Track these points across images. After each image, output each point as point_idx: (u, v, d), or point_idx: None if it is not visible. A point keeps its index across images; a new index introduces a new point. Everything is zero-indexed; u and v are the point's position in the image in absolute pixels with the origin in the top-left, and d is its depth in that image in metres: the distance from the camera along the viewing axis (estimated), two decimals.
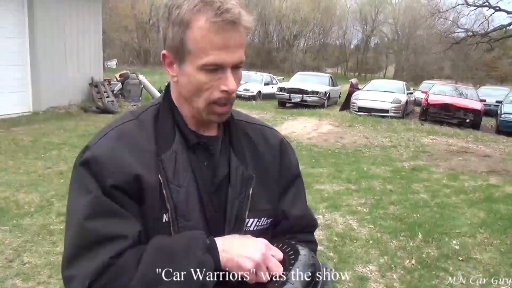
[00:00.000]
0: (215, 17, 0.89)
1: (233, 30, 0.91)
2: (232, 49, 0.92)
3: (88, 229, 0.88)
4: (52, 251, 3.47)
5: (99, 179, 0.90)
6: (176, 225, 0.95)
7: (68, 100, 10.81)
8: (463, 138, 10.70)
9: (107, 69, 22.32)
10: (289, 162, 1.17)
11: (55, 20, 10.24)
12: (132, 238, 0.89)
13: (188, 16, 0.90)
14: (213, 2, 0.89)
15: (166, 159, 0.96)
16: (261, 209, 1.07)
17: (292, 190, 1.16)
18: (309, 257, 0.96)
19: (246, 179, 1.04)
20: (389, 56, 52.45)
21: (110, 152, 0.93)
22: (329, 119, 12.09)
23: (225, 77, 0.94)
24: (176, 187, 0.95)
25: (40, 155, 6.33)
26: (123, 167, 0.92)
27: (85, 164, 0.93)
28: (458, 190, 6.01)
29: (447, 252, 3.94)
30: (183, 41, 0.92)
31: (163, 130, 1.00)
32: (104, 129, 1.00)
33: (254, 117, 1.22)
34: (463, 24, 23.57)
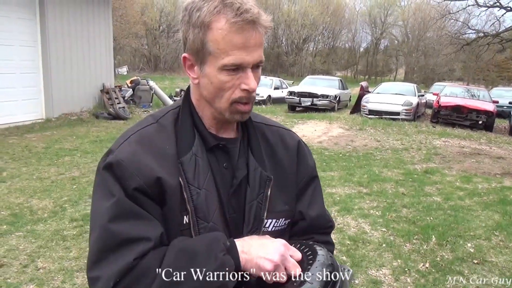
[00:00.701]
0: (235, 17, 0.91)
1: (253, 30, 0.93)
2: (252, 48, 0.94)
3: (112, 231, 0.90)
4: (65, 257, 3.50)
5: (122, 182, 0.93)
6: (197, 226, 0.97)
7: (80, 107, 10.93)
8: (476, 140, 10.58)
9: (118, 76, 22.53)
10: (306, 164, 1.18)
11: (67, 27, 10.37)
12: (154, 240, 0.91)
13: (208, 18, 0.92)
14: (232, 3, 0.91)
15: (186, 161, 0.98)
16: (279, 210, 1.09)
17: (309, 191, 1.18)
18: (327, 257, 0.96)
19: (264, 180, 1.06)
20: (399, 58, 52.15)
21: (132, 156, 0.95)
22: (340, 123, 12.05)
23: (245, 76, 0.96)
24: (196, 189, 0.97)
25: (53, 161, 6.39)
26: (145, 171, 0.94)
27: (108, 168, 0.95)
28: (472, 192, 5.94)
29: (462, 255, 3.89)
30: (203, 42, 0.94)
31: (183, 133, 1.02)
32: (126, 133, 1.03)
33: (272, 119, 1.23)
34: (474, 25, 23.38)
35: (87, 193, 5.01)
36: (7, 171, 5.72)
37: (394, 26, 51.54)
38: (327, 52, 51.70)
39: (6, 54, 8.97)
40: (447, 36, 22.35)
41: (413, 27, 47.73)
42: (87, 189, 5.15)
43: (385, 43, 53.73)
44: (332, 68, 51.31)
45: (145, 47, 42.42)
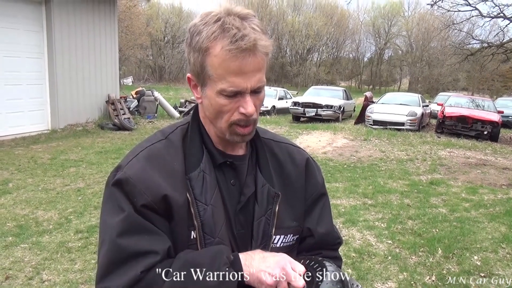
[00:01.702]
0: (230, 45, 0.91)
1: (249, 56, 0.93)
2: (249, 74, 0.94)
3: (121, 245, 0.93)
4: (70, 269, 3.50)
5: (130, 198, 0.95)
6: (203, 241, 0.99)
7: (86, 118, 10.99)
8: (481, 151, 10.54)
9: (123, 86, 22.69)
10: (314, 181, 1.19)
11: (73, 39, 10.48)
12: (162, 254, 0.94)
13: (205, 43, 0.93)
14: (229, 29, 0.92)
15: (194, 177, 1.00)
16: (287, 226, 1.10)
17: (318, 208, 1.18)
18: (337, 273, 0.97)
19: (272, 196, 1.07)
20: (403, 68, 52.17)
21: (141, 173, 0.98)
22: (344, 133, 12.04)
23: (244, 101, 0.97)
24: (203, 205, 0.99)
25: (58, 172, 6.42)
26: (153, 188, 0.96)
27: (117, 184, 0.98)
28: (478, 204, 5.90)
29: (468, 268, 3.86)
30: (203, 66, 0.96)
31: (191, 149, 1.04)
32: (135, 149, 1.06)
33: (280, 135, 1.25)
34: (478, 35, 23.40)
35: (92, 205, 5.02)
36: (13, 182, 5.75)
37: (398, 36, 51.68)
38: (331, 62, 51.87)
39: (13, 65, 9.07)
40: (451, 47, 22.40)
41: (417, 37, 47.81)
42: (92, 201, 5.17)
43: (389, 53, 53.88)
44: (336, 78, 51.40)
45: (150, 58, 42.78)
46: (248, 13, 0.96)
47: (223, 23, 0.92)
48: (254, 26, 0.95)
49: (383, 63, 52.42)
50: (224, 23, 0.92)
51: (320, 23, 45.97)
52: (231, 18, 0.93)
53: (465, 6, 14.44)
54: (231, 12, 0.95)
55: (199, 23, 0.96)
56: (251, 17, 0.96)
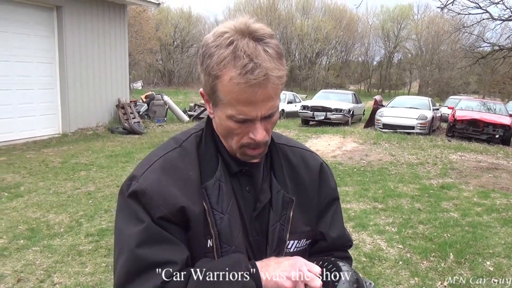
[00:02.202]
0: (239, 77, 0.88)
1: (259, 89, 0.89)
2: (260, 104, 0.92)
3: (140, 256, 0.92)
4: (81, 272, 3.51)
5: (147, 210, 0.95)
6: (220, 250, 0.99)
7: (96, 122, 11.08)
8: (493, 154, 10.43)
9: (133, 91, 22.85)
10: (327, 186, 1.19)
11: (84, 44, 10.58)
12: (181, 264, 0.94)
13: (215, 71, 0.90)
14: (241, 57, 0.88)
15: (210, 186, 0.99)
16: (300, 231, 1.11)
17: (330, 212, 1.19)
18: (352, 273, 0.97)
19: (286, 202, 1.08)
20: (413, 71, 51.89)
21: (156, 185, 0.97)
22: (354, 137, 11.99)
23: (254, 127, 0.96)
24: (220, 213, 0.99)
25: (69, 176, 6.47)
26: (169, 200, 0.96)
27: (133, 196, 0.97)
28: (490, 208, 5.83)
29: (481, 274, 3.81)
30: (213, 90, 0.94)
31: (207, 158, 1.03)
32: (150, 158, 1.04)
33: (294, 140, 1.24)
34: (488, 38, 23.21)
35: (102, 208, 5.05)
36: (24, 186, 5.80)
37: (408, 39, 51.43)
38: (340, 66, 51.76)
39: (25, 70, 9.18)
40: (461, 50, 22.23)
41: (427, 40, 47.55)
42: (102, 204, 5.19)
43: (399, 57, 53.61)
44: (346, 82, 51.30)
45: (160, 62, 43.03)
46: (264, 34, 0.91)
47: (235, 48, 0.88)
48: (270, 50, 0.90)
49: (393, 67, 52.18)
50: (236, 48, 0.88)
51: (329, 27, 45.93)
52: (244, 42, 0.89)
53: (475, 9, 14.33)
54: (246, 33, 0.90)
55: (212, 44, 0.92)
56: (268, 38, 0.91)
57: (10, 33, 8.80)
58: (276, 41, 0.93)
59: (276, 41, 0.93)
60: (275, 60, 0.90)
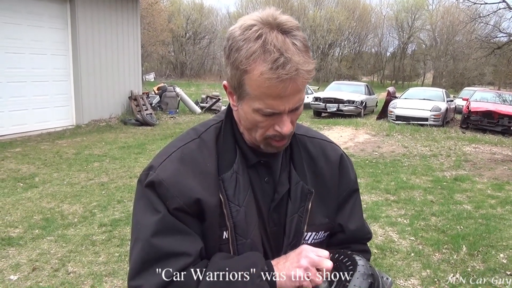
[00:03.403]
0: (270, 72, 0.86)
1: (290, 83, 0.88)
2: (288, 98, 0.91)
3: (155, 245, 0.94)
4: (95, 261, 3.57)
5: (164, 200, 0.96)
6: (235, 242, 0.99)
7: (109, 113, 11.18)
8: (508, 147, 10.27)
9: (145, 82, 22.96)
10: (347, 177, 1.17)
11: (97, 36, 10.65)
12: (194, 255, 0.95)
13: (244, 65, 0.88)
14: (271, 51, 0.86)
15: (227, 178, 0.99)
16: (319, 223, 1.10)
17: (350, 204, 1.18)
18: (367, 266, 0.97)
19: (305, 194, 1.07)
20: (427, 63, 51.20)
21: (173, 176, 0.97)
22: (366, 128, 11.92)
23: (280, 120, 0.95)
24: (236, 206, 0.99)
25: (82, 167, 6.55)
26: (185, 192, 0.96)
27: (151, 186, 0.97)
28: (504, 200, 5.76)
29: (494, 266, 3.77)
30: (240, 84, 0.92)
31: (225, 150, 1.03)
32: (168, 149, 1.04)
33: (314, 130, 1.23)
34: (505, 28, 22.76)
35: (115, 199, 5.11)
36: (39, 177, 5.89)
37: (422, 30, 50.70)
38: (353, 57, 51.29)
39: (39, 63, 9.28)
40: (477, 40, 21.85)
41: (442, 31, 46.82)
42: (115, 195, 5.25)
43: (413, 48, 52.90)
44: (358, 73, 50.84)
45: (172, 54, 43.10)
46: (292, 27, 0.90)
47: (264, 42, 0.86)
48: (298, 43, 0.89)
49: (406, 58, 51.53)
50: (265, 42, 0.86)
51: (342, 18, 45.49)
52: (273, 36, 0.87)
53: None
54: (273, 25, 0.88)
55: (239, 37, 0.89)
56: (295, 30, 0.90)
57: (24, 26, 8.89)
58: (303, 34, 0.91)
59: (302, 33, 0.91)
60: (303, 53, 0.89)
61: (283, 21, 0.89)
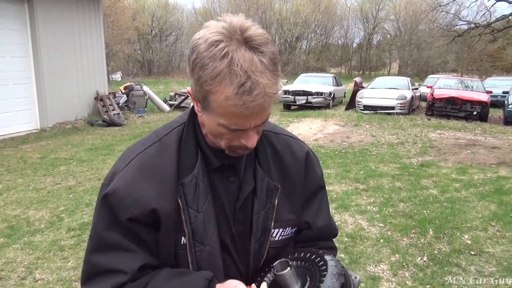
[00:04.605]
0: (235, 97, 0.83)
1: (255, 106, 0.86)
2: (254, 116, 0.89)
3: (91, 262, 0.96)
4: (63, 267, 3.49)
5: (116, 212, 0.96)
6: (193, 249, 0.98)
7: (75, 115, 10.92)
8: (471, 131, 10.61)
9: (112, 82, 22.52)
10: (314, 174, 1.17)
11: (58, 37, 10.36)
12: (130, 274, 0.94)
13: (209, 85, 0.85)
14: (237, 74, 0.82)
15: (187, 183, 0.98)
16: (285, 219, 1.09)
17: (316, 201, 1.17)
18: (339, 266, 0.97)
19: (271, 190, 1.06)
20: (392, 52, 52.15)
21: (130, 185, 0.96)
22: (335, 119, 12.06)
23: (245, 135, 0.94)
24: (194, 212, 0.97)
25: (48, 171, 6.38)
26: (140, 202, 0.95)
27: (104, 198, 0.97)
28: (468, 183, 5.96)
29: (459, 247, 3.91)
30: (205, 99, 0.89)
31: (186, 154, 1.01)
32: (128, 155, 1.02)
33: (279, 126, 1.21)
34: (464, 16, 23.44)
35: (83, 202, 5.01)
36: (2, 183, 5.71)
37: (386, 20, 51.50)
38: (320, 49, 51.68)
39: None
40: (438, 29, 22.41)
41: (405, 20, 47.73)
42: (83, 198, 5.15)
43: (378, 38, 53.74)
44: (326, 65, 51.28)
45: (138, 52, 42.38)
46: (261, 42, 0.85)
47: (230, 62, 0.81)
48: (266, 60, 0.85)
49: (372, 48, 52.32)
50: (231, 62, 0.81)
51: (307, 10, 45.73)
52: (240, 54, 0.82)
53: None
54: (241, 40, 0.84)
55: (205, 53, 0.84)
56: (264, 46, 0.85)
57: None
58: (272, 47, 0.87)
59: (272, 46, 0.87)
60: (271, 72, 0.85)
61: (251, 35, 0.85)
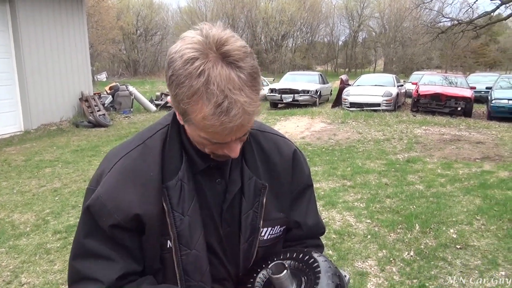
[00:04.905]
0: (213, 117, 0.81)
1: (234, 126, 0.84)
2: (233, 133, 0.87)
3: (74, 267, 0.98)
4: (50, 270, 3.45)
5: (97, 220, 0.95)
6: (179, 252, 0.97)
7: (59, 117, 10.79)
8: (456, 127, 10.75)
9: (97, 83, 22.32)
10: (301, 172, 1.16)
11: (41, 37, 10.22)
12: (107, 283, 0.93)
13: (186, 104, 0.83)
14: (214, 93, 0.79)
15: (172, 187, 0.96)
16: (274, 218, 1.09)
17: (305, 200, 1.17)
18: (332, 267, 0.98)
19: (259, 188, 1.05)
20: (377, 50, 52.60)
21: (112, 191, 0.95)
22: (322, 117, 12.12)
23: (228, 147, 0.92)
24: (180, 215, 0.96)
25: (33, 173, 6.30)
26: (123, 208, 0.94)
27: (88, 206, 0.96)
28: (453, 178, 6.03)
29: (445, 242, 3.95)
30: (185, 113, 0.86)
31: (170, 157, 0.99)
32: (111, 158, 1.01)
33: (267, 125, 1.20)
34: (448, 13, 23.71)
35: (69, 204, 4.95)
36: None
37: (371, 18, 51.99)
38: (306, 47, 51.86)
39: None
40: (422, 26, 22.65)
41: (390, 18, 48.19)
42: (69, 200, 5.09)
43: (363, 36, 54.21)
44: (312, 63, 51.51)
45: (123, 52, 42.05)
46: (239, 57, 0.82)
47: (207, 81, 0.79)
48: (244, 75, 0.82)
49: (358, 46, 52.72)
50: (208, 81, 0.79)
51: (293, 9, 45.84)
52: (216, 72, 0.79)
53: None
54: (218, 56, 0.81)
55: (180, 71, 0.81)
56: (241, 61, 0.82)
57: None
58: (251, 60, 0.84)
59: (251, 60, 0.84)
60: (250, 88, 0.82)
61: (229, 50, 0.81)
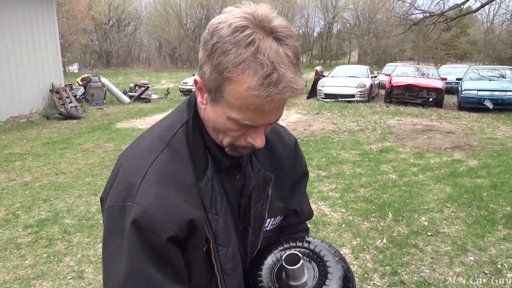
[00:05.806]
0: (260, 88, 0.76)
1: (279, 100, 0.80)
2: (271, 112, 0.83)
3: None
4: (21, 265, 3.37)
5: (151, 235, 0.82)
6: (217, 253, 0.92)
7: (29, 109, 10.51)
8: (427, 117, 10.98)
9: (69, 74, 21.79)
10: (301, 161, 1.17)
11: (8, 28, 9.89)
12: None
13: (230, 72, 0.77)
14: (263, 64, 0.76)
15: (203, 188, 0.91)
16: (276, 208, 1.09)
17: (301, 187, 1.18)
18: (338, 252, 1.04)
19: (266, 180, 1.04)
20: (352, 41, 53.12)
21: (158, 202, 0.84)
22: (297, 108, 12.18)
23: (255, 132, 0.87)
24: (214, 216, 0.91)
25: (2, 167, 6.12)
26: (177, 214, 0.84)
27: (135, 223, 0.82)
28: (425, 167, 6.17)
29: (417, 229, 4.05)
30: (219, 89, 0.81)
31: (197, 156, 0.93)
32: (135, 167, 0.88)
33: None
34: (420, 5, 24.10)
35: (41, 198, 4.84)
36: None
37: (346, 9, 52.35)
38: None
39: None
40: (395, 18, 22.95)
41: (364, 10, 48.66)
42: (40, 194, 4.98)
43: (338, 27, 54.57)
44: None
45: (96, 43, 41.18)
46: (287, 34, 0.80)
47: (256, 50, 0.76)
48: (291, 53, 0.79)
49: (333, 37, 53.07)
50: (257, 51, 0.76)
51: (268, 0, 45.73)
52: (267, 44, 0.77)
53: None
54: (268, 30, 0.79)
55: (228, 38, 0.77)
56: (289, 38, 0.81)
57: None
58: (295, 41, 0.82)
59: (295, 40, 0.82)
60: (295, 66, 0.80)
61: (277, 26, 0.80)
